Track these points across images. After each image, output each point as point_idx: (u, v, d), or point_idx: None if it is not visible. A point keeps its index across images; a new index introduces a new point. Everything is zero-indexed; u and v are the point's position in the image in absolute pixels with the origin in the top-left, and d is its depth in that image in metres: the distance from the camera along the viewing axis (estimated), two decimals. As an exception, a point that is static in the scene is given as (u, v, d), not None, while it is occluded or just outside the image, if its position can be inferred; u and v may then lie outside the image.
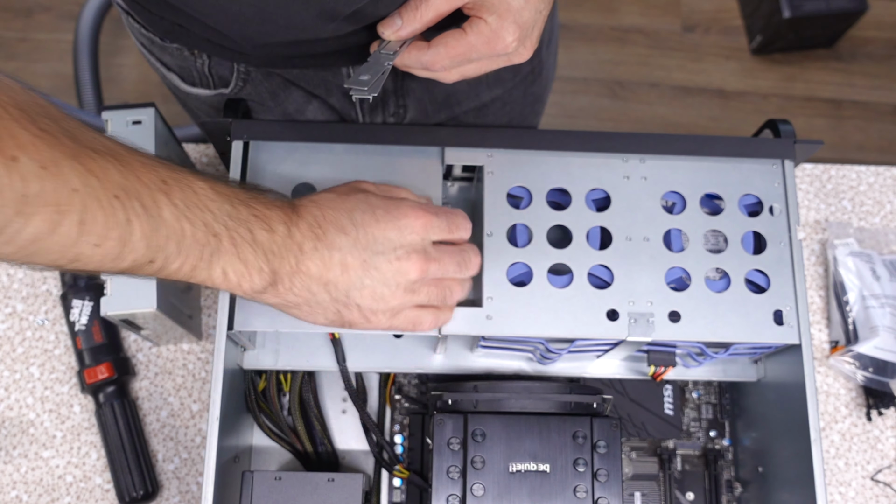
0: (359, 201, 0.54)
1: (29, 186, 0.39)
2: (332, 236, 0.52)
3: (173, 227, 0.46)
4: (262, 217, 0.50)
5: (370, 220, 0.53)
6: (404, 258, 0.54)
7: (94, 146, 0.43)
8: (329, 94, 0.71)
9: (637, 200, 0.63)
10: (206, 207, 0.48)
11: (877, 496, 0.76)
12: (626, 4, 1.93)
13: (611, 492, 0.60)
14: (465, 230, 0.58)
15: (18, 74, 0.45)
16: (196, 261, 0.48)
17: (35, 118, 0.40)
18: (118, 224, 0.43)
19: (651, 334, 0.60)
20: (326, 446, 0.71)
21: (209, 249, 0.48)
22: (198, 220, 0.47)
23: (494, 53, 0.55)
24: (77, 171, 0.41)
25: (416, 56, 0.55)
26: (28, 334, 0.78)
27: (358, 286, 0.53)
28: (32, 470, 0.74)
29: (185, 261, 0.48)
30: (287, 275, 0.52)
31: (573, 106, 1.83)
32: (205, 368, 0.77)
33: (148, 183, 0.45)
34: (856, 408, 0.79)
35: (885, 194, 0.86)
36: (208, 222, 0.48)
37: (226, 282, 0.50)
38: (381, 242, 0.53)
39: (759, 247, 0.63)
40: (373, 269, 0.53)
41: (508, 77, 0.77)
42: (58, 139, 0.41)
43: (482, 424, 0.60)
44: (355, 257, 0.52)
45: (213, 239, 0.48)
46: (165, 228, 0.46)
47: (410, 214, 0.54)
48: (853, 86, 1.88)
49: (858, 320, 0.78)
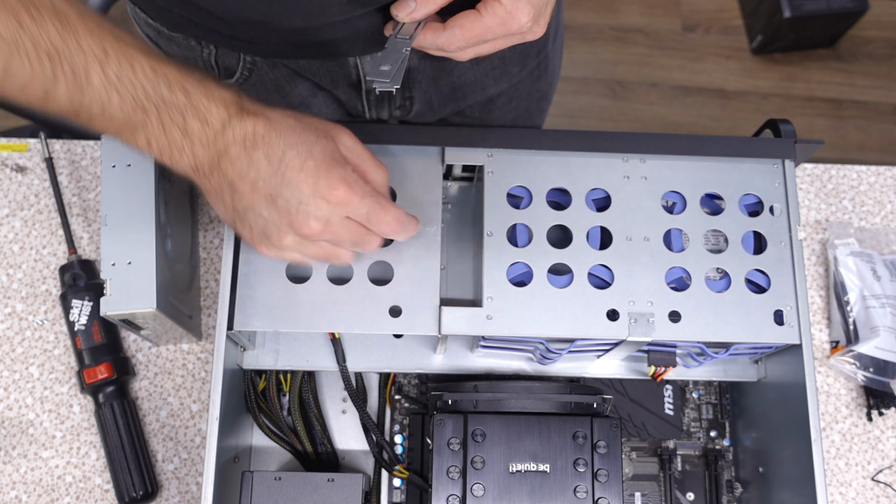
0: (306, 143, 0.52)
1: None
2: (258, 157, 0.51)
3: (100, 94, 0.48)
4: (200, 107, 0.51)
5: (297, 164, 0.52)
6: (302, 216, 0.53)
7: (41, 5, 0.46)
8: (335, 87, 0.70)
9: (637, 200, 0.63)
10: (140, 84, 0.49)
11: (877, 496, 0.76)
12: (626, 4, 1.93)
13: (611, 492, 0.60)
14: (387, 229, 0.56)
15: None
16: (121, 126, 0.50)
17: None
18: (45, 78, 0.47)
19: (651, 334, 0.60)
20: (326, 446, 0.71)
21: (136, 121, 0.50)
22: (127, 94, 0.49)
23: (509, 33, 0.55)
24: (8, 24, 0.45)
25: (432, 38, 0.55)
26: (28, 334, 0.78)
27: (256, 212, 0.53)
28: (32, 470, 0.74)
29: (110, 123, 0.50)
30: (206, 164, 0.52)
31: (573, 106, 1.83)
32: (204, 368, 0.77)
33: (86, 49, 0.47)
34: (856, 408, 0.79)
35: (885, 194, 0.86)
36: (138, 98, 0.49)
37: (148, 150, 0.52)
38: (293, 189, 0.52)
39: (760, 247, 0.63)
40: (273, 207, 0.53)
41: (515, 71, 0.77)
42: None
43: (482, 424, 0.60)
44: (266, 186, 0.52)
45: (140, 114, 0.50)
46: (92, 93, 0.48)
47: (335, 185, 0.53)
48: (854, 85, 1.88)
49: (859, 320, 0.78)
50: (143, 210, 0.66)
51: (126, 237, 0.65)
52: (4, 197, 0.82)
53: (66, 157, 0.83)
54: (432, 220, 0.62)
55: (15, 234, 0.80)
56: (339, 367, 0.66)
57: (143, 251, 0.65)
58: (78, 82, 0.47)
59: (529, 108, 0.84)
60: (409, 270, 0.61)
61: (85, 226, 0.81)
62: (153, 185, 0.66)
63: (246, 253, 0.61)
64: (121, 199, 0.66)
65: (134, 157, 0.67)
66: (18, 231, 0.80)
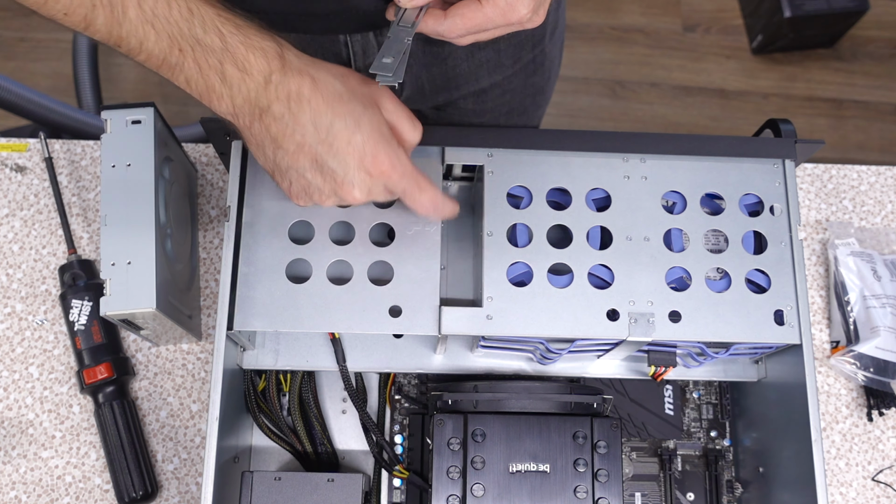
0: (353, 115, 0.53)
1: None
2: (305, 121, 0.52)
3: (137, 28, 0.48)
4: (238, 55, 0.50)
5: (345, 137, 0.52)
6: (347, 185, 0.54)
7: None
8: None
9: (637, 200, 0.63)
10: (175, 22, 0.48)
11: (878, 497, 0.76)
12: (626, 4, 1.92)
13: (611, 492, 0.60)
14: (420, 208, 0.57)
15: (18, 74, 0.46)
16: (160, 63, 0.50)
17: None
18: (84, 5, 0.46)
19: (651, 334, 0.60)
20: (326, 446, 0.71)
21: (173, 60, 0.50)
22: (163, 30, 0.48)
23: (509, 24, 0.56)
24: None
25: (433, 25, 0.56)
26: (27, 334, 0.78)
27: (299, 172, 0.54)
28: (31, 470, 0.74)
29: (148, 59, 0.50)
30: (248, 115, 0.52)
31: (573, 106, 1.83)
32: (204, 368, 0.77)
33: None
34: (857, 408, 0.79)
35: (885, 194, 0.86)
36: (174, 36, 0.49)
37: (188, 89, 0.51)
38: (339, 160, 0.53)
39: (760, 247, 0.63)
40: (318, 172, 0.54)
41: (509, 64, 0.77)
42: None
43: (482, 424, 0.60)
44: (312, 151, 0.53)
45: (177, 53, 0.49)
46: (129, 26, 0.48)
47: (380, 160, 0.54)
48: (854, 85, 1.88)
49: (859, 320, 0.78)
50: (143, 210, 0.65)
51: (126, 237, 0.65)
52: (4, 197, 0.82)
53: (66, 156, 0.83)
54: (432, 220, 0.62)
55: (15, 234, 0.80)
56: (339, 367, 0.66)
57: (143, 251, 0.65)
58: (115, 13, 0.47)
59: (524, 103, 0.84)
60: (409, 270, 0.61)
61: (85, 226, 0.81)
62: (153, 185, 0.66)
63: (246, 253, 0.61)
64: (121, 199, 0.66)
65: (134, 157, 0.67)
66: (18, 231, 0.80)
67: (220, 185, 0.83)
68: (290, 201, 0.61)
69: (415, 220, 0.63)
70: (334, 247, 0.62)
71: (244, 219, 0.62)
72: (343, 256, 0.61)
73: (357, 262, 0.61)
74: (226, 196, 0.63)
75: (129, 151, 0.67)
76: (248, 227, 0.62)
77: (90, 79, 1.57)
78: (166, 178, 0.71)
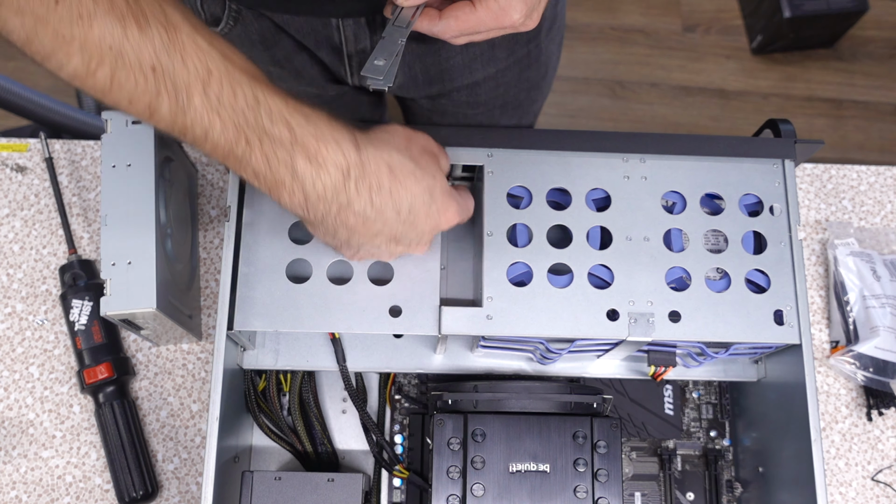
0: (427, 189, 0.54)
1: (63, 28, 0.42)
2: (387, 210, 0.52)
3: (202, 115, 0.46)
4: (310, 149, 0.48)
5: (423, 212, 0.54)
6: (422, 245, 0.58)
7: (151, 14, 0.44)
8: (318, 48, 0.71)
9: (637, 200, 0.63)
10: (241, 111, 0.47)
11: (877, 496, 0.76)
12: (626, 4, 1.92)
13: (611, 492, 0.60)
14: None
15: (18, 74, 0.46)
16: (226, 154, 0.48)
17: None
18: (149, 93, 0.45)
19: (651, 334, 0.60)
20: (326, 446, 0.71)
21: (239, 151, 0.48)
22: (229, 119, 0.47)
23: (502, 27, 0.57)
24: (113, 32, 0.43)
25: (428, 25, 0.57)
26: (28, 334, 0.78)
27: (373, 246, 0.56)
28: (32, 470, 0.74)
29: (214, 150, 0.48)
30: (322, 210, 0.51)
31: (573, 106, 1.83)
32: (204, 368, 0.77)
33: (190, 67, 0.45)
34: (856, 408, 0.79)
35: (885, 194, 0.86)
36: (240, 126, 0.47)
37: (256, 184, 0.50)
38: (417, 230, 0.55)
39: (760, 247, 0.63)
40: (395, 243, 0.55)
41: (503, 57, 0.77)
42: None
43: (482, 424, 0.60)
44: (391, 231, 0.54)
45: (244, 144, 0.48)
46: (193, 114, 0.46)
47: (451, 218, 0.57)
48: (854, 85, 1.88)
49: (859, 320, 0.78)
50: (143, 210, 0.66)
51: (126, 237, 0.65)
52: (4, 197, 0.82)
53: (66, 156, 0.83)
54: None
55: (15, 234, 0.80)
56: (339, 367, 0.66)
57: (143, 251, 0.65)
58: (180, 100, 0.45)
59: (519, 97, 0.84)
60: (409, 270, 0.61)
61: (85, 226, 0.81)
62: (153, 185, 0.66)
63: (246, 253, 0.61)
64: (121, 199, 0.66)
65: (134, 157, 0.67)
66: (18, 231, 0.80)
67: (220, 185, 0.83)
68: None
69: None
70: (334, 247, 0.62)
71: (244, 219, 0.62)
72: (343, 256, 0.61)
73: (357, 262, 0.61)
74: (226, 196, 0.63)
75: (129, 151, 0.67)
76: (248, 227, 0.62)
77: (90, 79, 1.57)
78: (166, 178, 0.71)
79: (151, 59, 0.44)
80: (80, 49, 0.43)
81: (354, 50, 0.71)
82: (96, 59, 0.43)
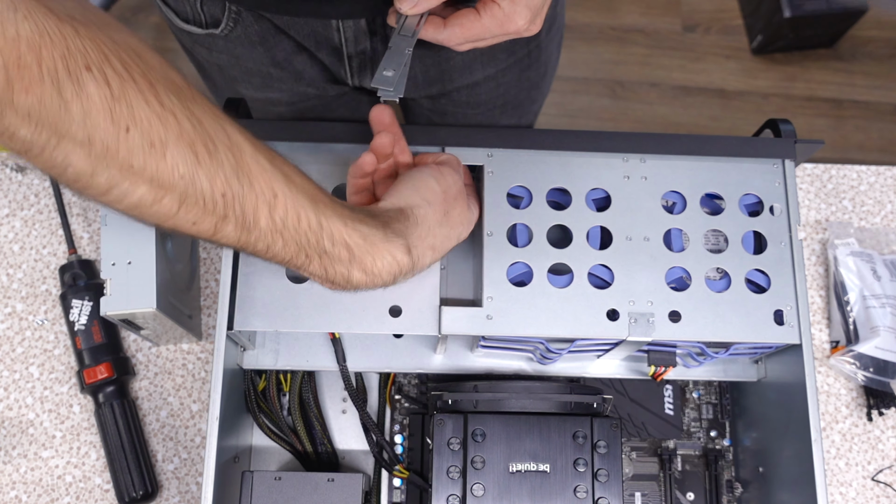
0: (457, 237, 0.59)
1: (134, 158, 0.40)
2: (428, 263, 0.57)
3: (266, 235, 0.48)
4: (367, 264, 0.52)
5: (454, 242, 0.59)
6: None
7: (217, 138, 0.44)
8: (318, 49, 0.71)
9: (637, 200, 0.63)
10: (304, 233, 0.49)
11: (877, 496, 0.76)
12: (626, 4, 1.92)
13: (611, 492, 0.60)
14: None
15: None
16: (284, 262, 0.50)
17: (161, 94, 0.41)
18: (216, 216, 0.45)
19: (651, 334, 0.60)
20: (326, 446, 0.71)
21: (299, 263, 0.51)
22: (291, 240, 0.49)
23: (506, 34, 0.57)
24: (185, 159, 0.42)
25: (433, 33, 0.57)
26: (28, 334, 0.78)
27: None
28: (32, 470, 0.74)
29: (274, 259, 0.50)
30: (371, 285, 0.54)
31: (573, 106, 1.83)
32: (204, 368, 0.77)
33: (258, 191, 0.46)
34: (856, 408, 0.79)
35: (885, 194, 0.86)
36: (301, 245, 0.49)
37: (309, 276, 0.53)
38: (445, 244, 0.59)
39: (760, 247, 0.63)
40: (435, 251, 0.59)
41: (503, 57, 0.77)
42: (178, 121, 0.41)
43: (482, 424, 0.60)
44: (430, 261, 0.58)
45: (303, 258, 0.50)
46: (257, 234, 0.47)
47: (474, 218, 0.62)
48: (854, 85, 1.88)
49: (859, 320, 0.78)
50: (143, 210, 0.65)
51: (126, 237, 0.65)
52: (4, 197, 0.82)
53: (66, 157, 0.83)
54: None
55: (15, 234, 0.80)
56: (339, 367, 0.66)
57: (143, 251, 0.65)
58: (246, 223, 0.46)
59: (519, 96, 0.84)
60: (409, 270, 0.61)
61: (85, 226, 0.81)
62: (153, 185, 0.66)
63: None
64: (121, 199, 0.66)
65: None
66: (18, 231, 0.80)
67: (220, 185, 0.83)
68: None
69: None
70: (334, 247, 0.62)
71: (244, 219, 0.62)
72: None
73: None
74: (226, 196, 0.63)
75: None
76: (249, 227, 0.62)
77: (90, 79, 1.57)
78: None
79: (223, 186, 0.44)
80: (150, 179, 0.41)
81: (354, 51, 0.72)
82: (165, 188, 0.42)
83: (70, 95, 0.37)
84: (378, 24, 0.69)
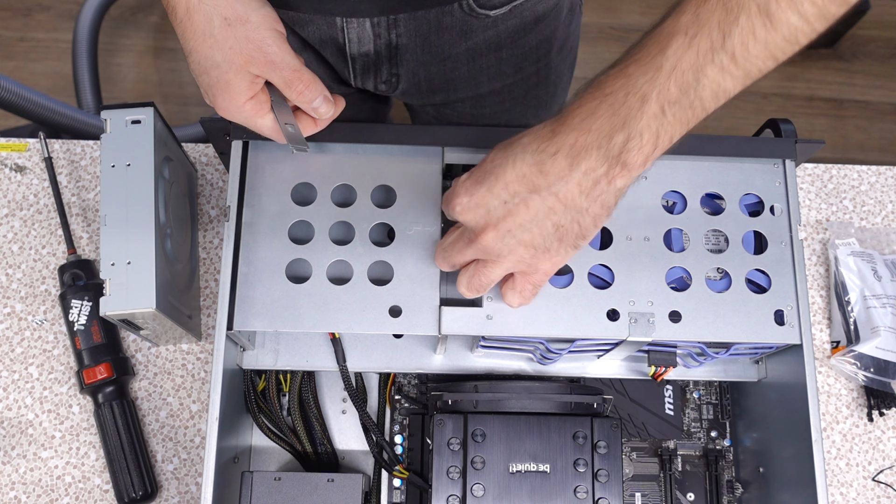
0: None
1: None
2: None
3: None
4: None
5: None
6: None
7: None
8: (323, 48, 0.71)
9: (637, 200, 0.63)
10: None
11: (878, 497, 0.76)
12: (626, 4, 1.92)
13: (611, 492, 0.59)
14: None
15: (17, 74, 0.45)
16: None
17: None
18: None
19: (651, 334, 0.60)
20: (326, 446, 0.71)
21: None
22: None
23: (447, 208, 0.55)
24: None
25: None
26: (27, 334, 0.78)
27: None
28: (31, 470, 0.74)
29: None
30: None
31: (573, 106, 1.83)
32: (204, 368, 0.77)
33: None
34: (857, 408, 0.79)
35: (886, 194, 0.86)
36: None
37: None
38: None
39: (760, 247, 0.63)
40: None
41: (510, 72, 0.77)
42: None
43: (482, 424, 0.60)
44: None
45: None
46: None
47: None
48: (854, 85, 1.88)
49: (860, 320, 0.78)
50: (142, 210, 0.65)
51: (126, 237, 0.65)
52: (4, 197, 0.81)
53: (66, 156, 0.83)
54: (432, 220, 0.62)
55: (14, 234, 0.80)
56: (339, 367, 0.66)
57: (142, 251, 0.65)
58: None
59: (525, 114, 0.84)
60: (409, 270, 0.61)
61: (84, 226, 0.81)
62: (153, 185, 0.66)
63: (246, 253, 0.61)
64: (120, 199, 0.66)
65: (133, 157, 0.67)
66: (18, 231, 0.80)
67: (220, 185, 0.83)
68: (291, 201, 0.62)
69: (415, 220, 0.62)
70: (334, 247, 0.62)
71: (244, 219, 0.62)
72: (343, 256, 0.61)
73: (357, 262, 0.61)
74: (226, 196, 0.63)
75: (128, 151, 0.67)
76: (248, 227, 0.62)
77: (90, 79, 1.57)
78: (166, 178, 0.71)
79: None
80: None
81: (358, 52, 0.72)
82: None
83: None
84: (382, 27, 0.69)
